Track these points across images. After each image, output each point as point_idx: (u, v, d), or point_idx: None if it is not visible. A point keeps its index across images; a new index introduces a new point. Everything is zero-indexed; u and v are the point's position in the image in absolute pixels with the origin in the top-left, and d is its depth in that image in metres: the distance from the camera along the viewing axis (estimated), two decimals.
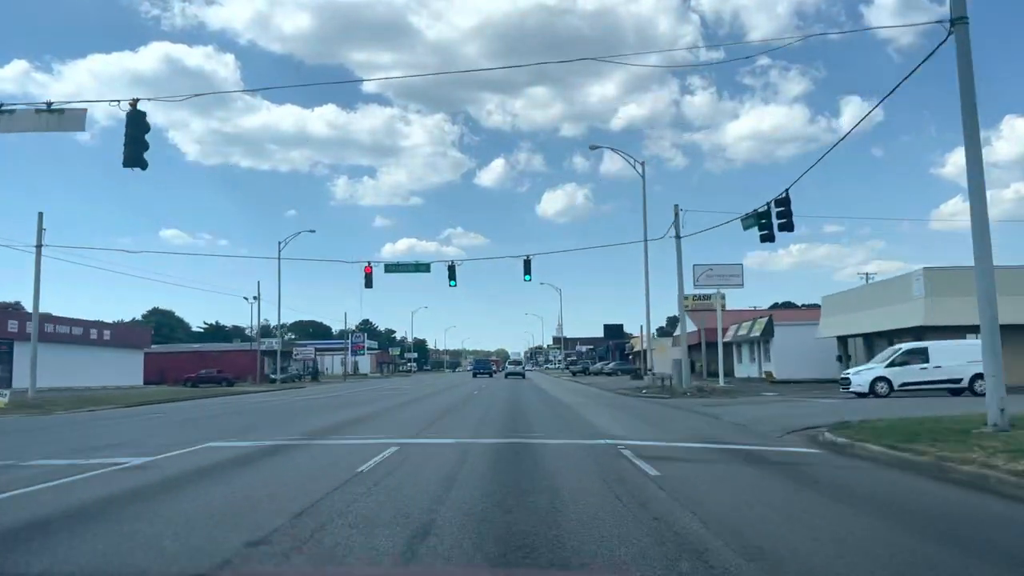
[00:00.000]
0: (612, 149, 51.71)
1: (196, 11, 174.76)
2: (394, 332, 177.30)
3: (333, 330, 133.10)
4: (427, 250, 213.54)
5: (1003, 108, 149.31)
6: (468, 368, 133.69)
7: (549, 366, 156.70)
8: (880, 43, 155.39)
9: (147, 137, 16.58)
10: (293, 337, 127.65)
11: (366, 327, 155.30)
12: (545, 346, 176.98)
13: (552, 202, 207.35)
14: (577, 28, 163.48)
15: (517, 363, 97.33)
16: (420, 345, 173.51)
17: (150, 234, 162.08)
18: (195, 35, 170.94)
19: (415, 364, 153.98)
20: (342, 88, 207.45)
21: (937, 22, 13.28)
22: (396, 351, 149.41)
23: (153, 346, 72.25)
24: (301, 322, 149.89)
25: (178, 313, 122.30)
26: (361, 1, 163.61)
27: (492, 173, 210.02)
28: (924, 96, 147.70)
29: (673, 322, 79.19)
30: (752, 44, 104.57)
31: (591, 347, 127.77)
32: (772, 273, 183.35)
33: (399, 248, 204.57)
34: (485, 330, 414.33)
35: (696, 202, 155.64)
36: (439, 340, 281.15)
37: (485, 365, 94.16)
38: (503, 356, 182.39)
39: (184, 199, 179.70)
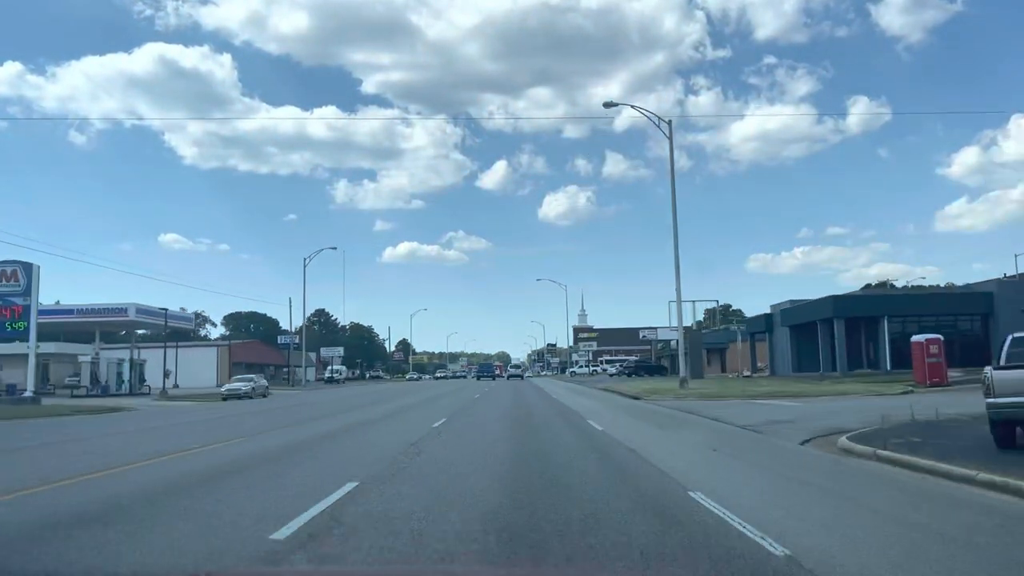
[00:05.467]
0: (632, 106, 45.81)
1: (190, 11, 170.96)
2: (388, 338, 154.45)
3: (281, 325, 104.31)
4: (428, 254, 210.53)
5: (1011, 107, 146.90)
6: (438, 375, 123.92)
7: (576, 370, 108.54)
8: (889, 41, 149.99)
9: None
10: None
11: (320, 318, 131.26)
12: (569, 343, 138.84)
13: (554, 204, 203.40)
14: (580, 27, 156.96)
15: (517, 367, 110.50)
16: (360, 333, 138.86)
17: (149, 239, 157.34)
18: (190, 35, 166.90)
19: (342, 369, 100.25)
20: (342, 90, 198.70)
21: None
22: (288, 340, 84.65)
23: None
24: (238, 313, 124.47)
25: None
26: (360, 0, 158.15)
27: (494, 175, 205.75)
28: (930, 95, 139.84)
29: None
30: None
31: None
32: (775, 277, 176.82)
33: (399, 252, 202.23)
34: (485, 332, 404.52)
35: (699, 202, 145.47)
36: (430, 342, 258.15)
37: (489, 369, 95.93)
38: (504, 360, 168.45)
39: (183, 203, 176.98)
